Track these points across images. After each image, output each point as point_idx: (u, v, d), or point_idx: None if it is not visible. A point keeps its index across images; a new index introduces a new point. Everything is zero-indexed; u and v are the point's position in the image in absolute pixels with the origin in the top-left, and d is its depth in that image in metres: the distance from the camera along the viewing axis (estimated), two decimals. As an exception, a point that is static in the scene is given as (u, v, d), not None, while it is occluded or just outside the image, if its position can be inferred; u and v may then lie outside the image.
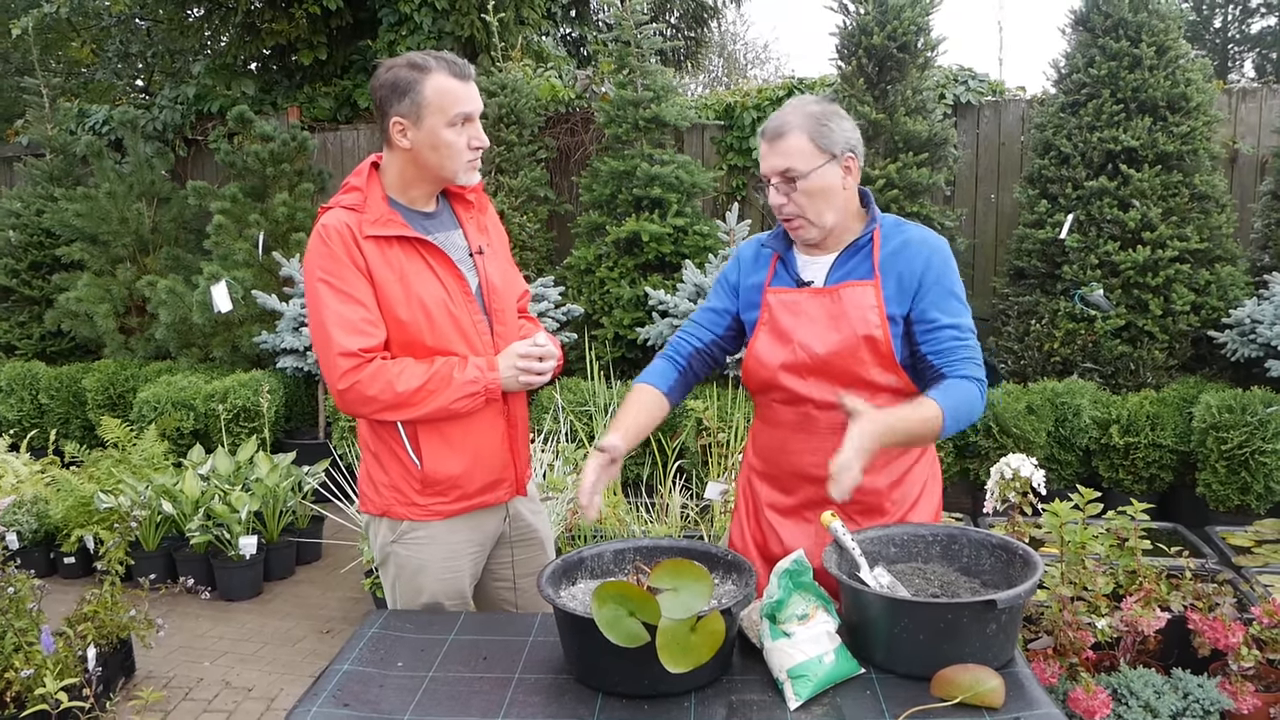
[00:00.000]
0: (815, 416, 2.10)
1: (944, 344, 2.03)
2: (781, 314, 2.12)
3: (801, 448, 2.13)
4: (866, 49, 5.49)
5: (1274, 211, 5.37)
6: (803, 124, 2.01)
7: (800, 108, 2.05)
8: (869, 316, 2.03)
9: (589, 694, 1.68)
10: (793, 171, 2.02)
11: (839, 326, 2.05)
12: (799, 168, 2.01)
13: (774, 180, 2.05)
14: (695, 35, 14.00)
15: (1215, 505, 4.52)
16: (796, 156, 2.01)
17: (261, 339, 6.18)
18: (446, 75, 2.08)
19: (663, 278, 5.82)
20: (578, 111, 7.10)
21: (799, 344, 2.08)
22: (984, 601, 1.61)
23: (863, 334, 2.03)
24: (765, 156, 2.05)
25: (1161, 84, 5.12)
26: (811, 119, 2.02)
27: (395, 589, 2.27)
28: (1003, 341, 5.47)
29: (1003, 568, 1.86)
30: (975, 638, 1.64)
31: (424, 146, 2.10)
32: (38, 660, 3.14)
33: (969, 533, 1.96)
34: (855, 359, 2.04)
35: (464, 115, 2.10)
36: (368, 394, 2.07)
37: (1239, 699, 2.85)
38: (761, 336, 2.14)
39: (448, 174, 2.16)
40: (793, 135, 2.01)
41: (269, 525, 4.82)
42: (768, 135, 2.05)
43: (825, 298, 2.08)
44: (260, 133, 6.87)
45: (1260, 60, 18.76)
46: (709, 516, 4.29)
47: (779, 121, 2.04)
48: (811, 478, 2.13)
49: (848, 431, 1.81)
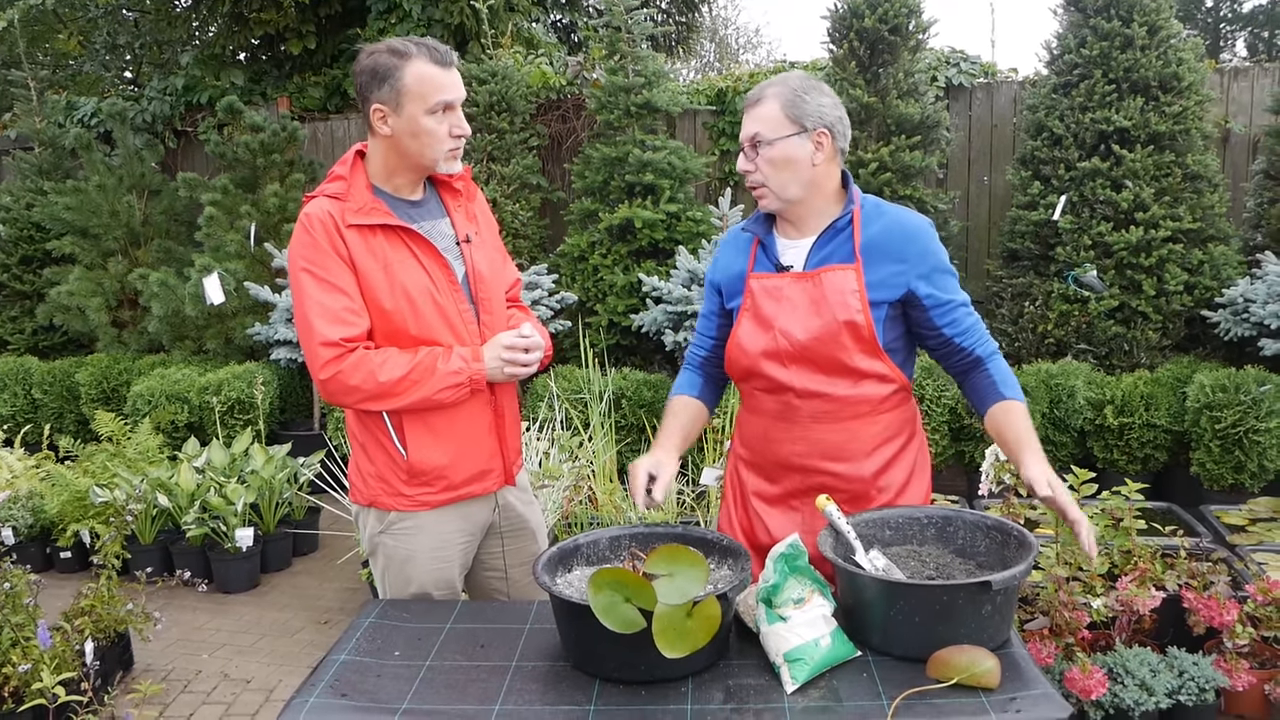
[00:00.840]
0: (797, 406, 2.09)
1: (964, 322, 2.10)
2: (764, 300, 2.12)
3: (783, 437, 2.13)
4: (858, 32, 5.48)
5: (1266, 191, 5.37)
6: (778, 93, 2.04)
7: (782, 79, 2.08)
8: (850, 301, 2.03)
9: (586, 680, 1.68)
10: (759, 137, 2.05)
11: (820, 312, 2.04)
12: (765, 134, 2.04)
13: (745, 146, 2.09)
14: (686, 20, 13.94)
15: (1209, 484, 4.54)
16: (765, 123, 2.04)
17: (255, 331, 6.16)
18: (427, 62, 2.05)
19: (656, 264, 5.81)
20: (569, 98, 7.07)
21: (780, 331, 2.07)
22: (979, 583, 1.61)
23: (844, 319, 2.03)
24: (744, 123, 2.11)
25: (1153, 64, 5.11)
26: (788, 89, 2.04)
27: (385, 579, 2.27)
28: (997, 324, 5.48)
29: (998, 549, 1.86)
30: (971, 619, 1.64)
31: (404, 134, 2.08)
32: (35, 655, 3.14)
33: (964, 515, 1.96)
34: (837, 344, 2.03)
35: (444, 103, 2.08)
36: (350, 384, 2.06)
37: (1234, 676, 2.87)
38: (744, 323, 2.14)
39: (427, 162, 2.14)
40: (766, 102, 2.05)
41: (265, 517, 4.81)
42: (748, 102, 2.10)
43: (806, 282, 2.07)
44: (250, 123, 6.84)
45: (1252, 39, 18.74)
46: (705, 502, 4.30)
47: (759, 89, 2.08)
48: (795, 467, 2.13)
49: (1050, 495, 1.87)
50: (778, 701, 1.59)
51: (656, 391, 5.18)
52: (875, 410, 2.09)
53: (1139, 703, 2.75)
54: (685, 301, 5.20)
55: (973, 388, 2.13)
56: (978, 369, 2.11)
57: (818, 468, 2.11)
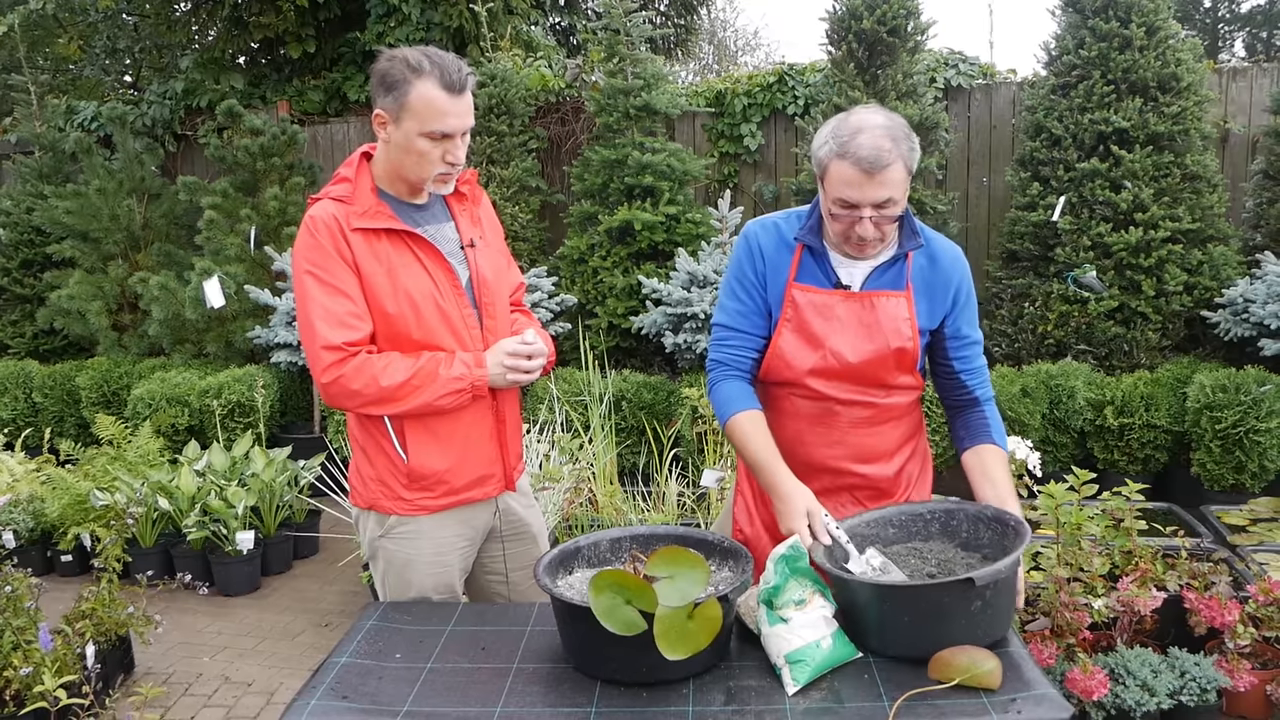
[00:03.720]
0: (838, 412, 2.12)
1: (975, 361, 2.14)
2: (811, 316, 2.08)
3: (819, 441, 2.15)
4: (856, 33, 5.48)
5: (1265, 191, 5.37)
6: (902, 154, 1.92)
7: (892, 132, 1.93)
8: (902, 329, 2.05)
9: (587, 682, 1.69)
10: (893, 202, 1.94)
11: (872, 336, 2.05)
12: (898, 198, 1.95)
13: (868, 211, 1.94)
14: (685, 23, 13.93)
15: (1210, 485, 4.54)
16: (897, 188, 1.93)
17: (255, 334, 6.16)
18: (437, 85, 2.00)
19: (656, 266, 5.81)
20: (568, 101, 7.08)
21: (830, 351, 2.07)
22: (962, 580, 1.62)
23: (895, 346, 2.05)
24: (861, 185, 1.91)
25: (1152, 64, 5.12)
26: (906, 147, 1.94)
27: (385, 583, 2.27)
28: (996, 325, 5.48)
29: (998, 540, 1.88)
30: (960, 616, 1.65)
31: (398, 147, 2.07)
32: (36, 658, 3.13)
33: (965, 508, 1.98)
34: (884, 367, 2.07)
35: (442, 132, 2.04)
36: (351, 388, 2.05)
37: (1235, 677, 2.87)
38: (787, 336, 2.11)
39: (414, 180, 2.12)
40: (895, 168, 1.91)
41: (266, 520, 4.81)
42: (864, 164, 1.90)
43: (858, 304, 2.06)
44: (250, 127, 6.84)
45: (1250, 39, 18.75)
46: (705, 504, 4.29)
47: (876, 151, 1.89)
48: (828, 469, 2.16)
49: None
50: (779, 703, 1.59)
51: (656, 393, 5.18)
52: (904, 414, 2.17)
53: (1140, 703, 2.75)
54: (685, 304, 5.20)
55: (964, 423, 2.18)
56: (974, 408, 2.17)
57: (849, 470, 2.15)
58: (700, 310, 5.13)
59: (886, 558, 1.87)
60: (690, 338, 5.22)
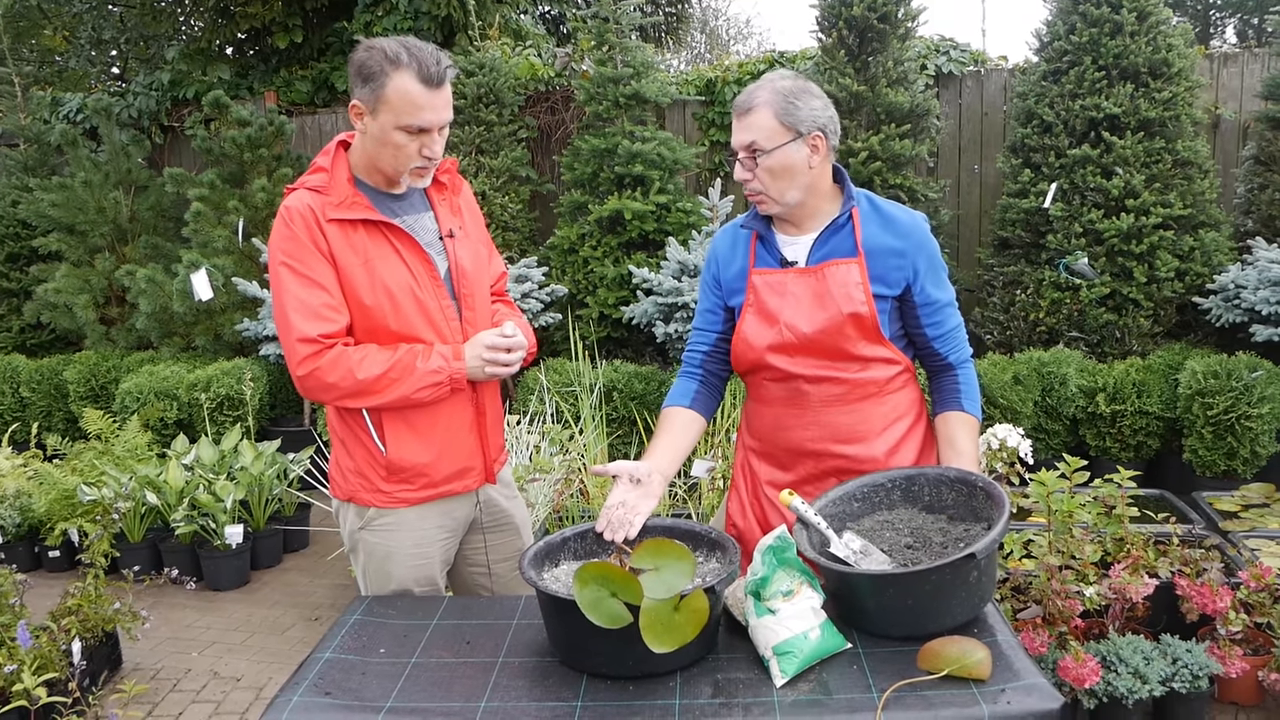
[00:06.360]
0: (807, 391, 2.11)
1: (947, 325, 2.14)
2: (767, 295, 2.12)
3: (795, 423, 2.15)
4: (847, 20, 5.45)
5: (1256, 176, 5.36)
6: (770, 100, 2.01)
7: (771, 83, 2.04)
8: (854, 294, 2.05)
9: (573, 676, 1.67)
10: (756, 146, 2.02)
11: (825, 305, 2.06)
12: (762, 144, 2.02)
13: (740, 154, 2.06)
14: (676, 11, 13.88)
15: (1202, 471, 4.53)
16: (761, 132, 2.01)
17: (243, 326, 6.12)
18: (414, 78, 1.95)
19: (646, 255, 5.78)
20: (558, 90, 7.03)
21: (785, 325, 2.09)
22: (964, 556, 1.62)
23: (848, 312, 2.05)
24: (735, 130, 2.06)
25: (1143, 50, 5.09)
26: (779, 96, 2.01)
27: (365, 575, 2.25)
28: (988, 312, 5.46)
29: (965, 501, 1.88)
30: (961, 589, 1.67)
31: (374, 139, 2.04)
32: (19, 656, 3.11)
33: (926, 471, 1.98)
34: (841, 335, 2.06)
35: (419, 128, 2.00)
36: (327, 381, 2.03)
37: (1227, 663, 2.86)
38: (748, 318, 2.14)
39: (389, 172, 2.08)
40: (759, 111, 2.01)
41: (255, 514, 4.78)
42: (737, 109, 2.05)
43: (810, 277, 2.09)
44: (237, 118, 6.78)
45: (1241, 25, 18.73)
46: (696, 494, 4.28)
47: (748, 96, 2.04)
48: (808, 452, 2.15)
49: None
50: (767, 695, 1.58)
51: (647, 384, 5.15)
52: (883, 391, 2.13)
53: (1133, 690, 2.74)
54: (676, 293, 5.18)
55: (937, 388, 2.20)
56: (947, 373, 2.17)
57: (830, 451, 2.13)
58: (691, 300, 5.11)
59: (864, 539, 1.86)
60: (681, 327, 5.19)
